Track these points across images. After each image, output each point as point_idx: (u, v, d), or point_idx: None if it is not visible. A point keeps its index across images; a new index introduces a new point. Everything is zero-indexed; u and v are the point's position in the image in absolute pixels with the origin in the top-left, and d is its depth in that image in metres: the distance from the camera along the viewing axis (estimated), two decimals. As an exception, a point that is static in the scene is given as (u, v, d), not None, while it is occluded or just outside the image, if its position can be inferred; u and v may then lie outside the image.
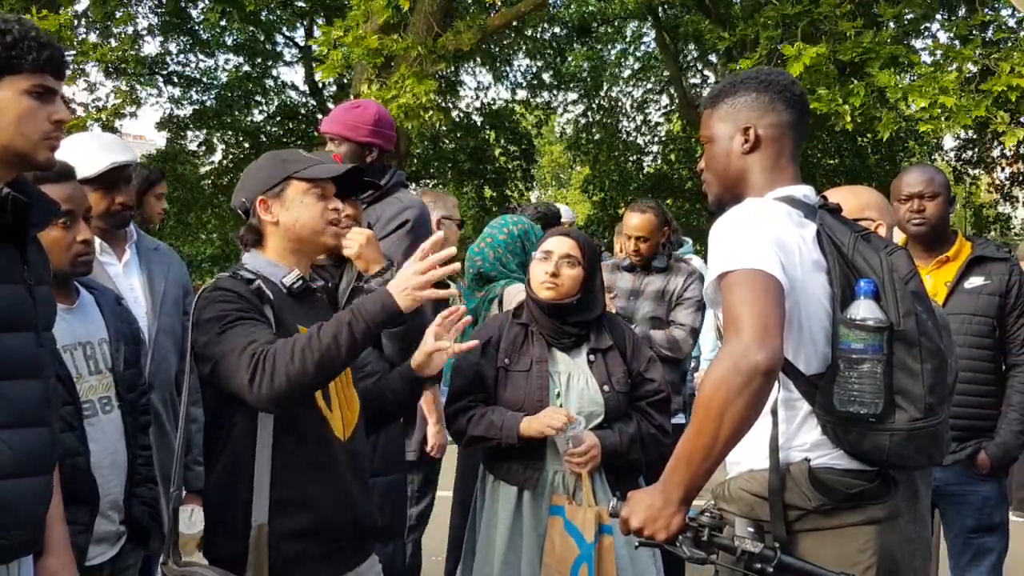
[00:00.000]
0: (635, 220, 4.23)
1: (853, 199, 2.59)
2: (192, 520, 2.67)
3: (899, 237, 3.41)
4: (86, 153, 2.68)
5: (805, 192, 1.97)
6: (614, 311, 4.13)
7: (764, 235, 1.80)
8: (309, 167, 2.21)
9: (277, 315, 2.12)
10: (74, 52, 10.70)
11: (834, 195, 2.54)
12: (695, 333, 4.16)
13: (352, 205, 2.31)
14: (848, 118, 8.52)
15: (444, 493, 3.59)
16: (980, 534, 3.23)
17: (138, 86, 15.85)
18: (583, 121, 18.85)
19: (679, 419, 4.01)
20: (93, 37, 12.94)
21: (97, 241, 2.58)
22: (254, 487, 2.06)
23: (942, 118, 8.16)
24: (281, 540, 2.06)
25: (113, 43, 12.99)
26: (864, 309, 1.76)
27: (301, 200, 2.18)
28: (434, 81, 9.19)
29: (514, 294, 3.39)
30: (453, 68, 14.68)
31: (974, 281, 3.23)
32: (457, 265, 2.06)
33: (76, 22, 12.48)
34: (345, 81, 12.19)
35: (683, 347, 4.09)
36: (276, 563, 2.05)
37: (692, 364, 4.88)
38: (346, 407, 2.22)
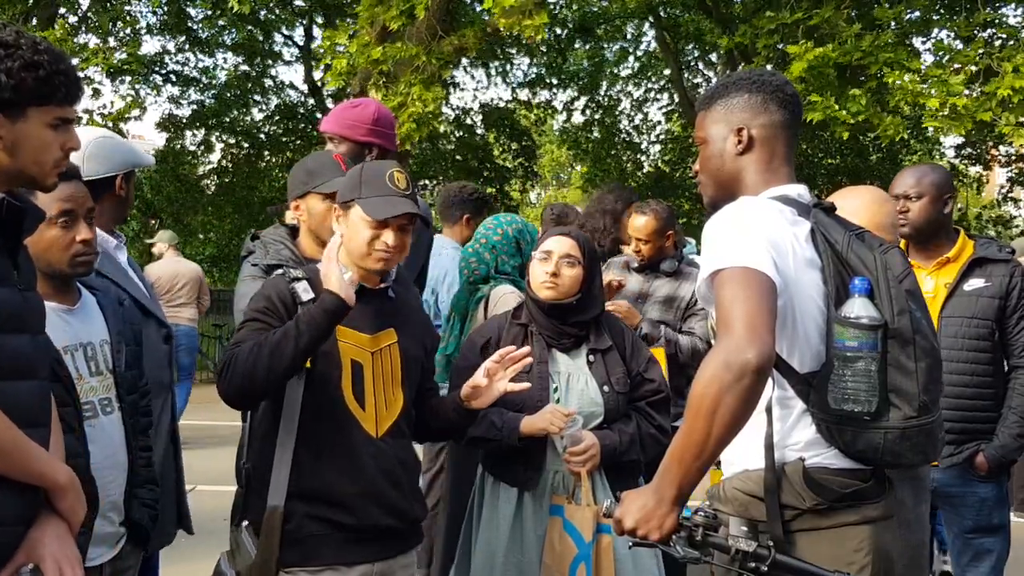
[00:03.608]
0: (635, 221, 4.24)
1: (867, 216, 2.49)
2: None
3: None
4: (135, 149, 2.84)
5: (799, 191, 1.98)
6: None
7: (757, 233, 1.81)
8: (373, 198, 2.32)
9: None
10: (81, 58, 10.67)
11: (839, 196, 2.55)
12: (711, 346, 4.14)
13: (405, 233, 2.37)
14: (845, 125, 8.49)
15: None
16: (979, 535, 3.23)
17: (143, 90, 15.85)
18: (582, 119, 18.83)
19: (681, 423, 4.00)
20: (94, 40, 12.91)
21: (103, 235, 2.59)
22: (272, 473, 2.26)
23: (950, 115, 8.11)
24: (302, 523, 2.25)
25: (112, 42, 12.95)
26: (858, 307, 1.77)
27: (357, 225, 2.34)
28: (441, 88, 9.13)
29: (499, 296, 3.36)
30: (454, 67, 14.64)
31: (974, 283, 3.20)
32: None
33: (80, 27, 12.44)
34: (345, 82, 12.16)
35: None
36: (294, 542, 2.24)
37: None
38: (383, 407, 2.36)
